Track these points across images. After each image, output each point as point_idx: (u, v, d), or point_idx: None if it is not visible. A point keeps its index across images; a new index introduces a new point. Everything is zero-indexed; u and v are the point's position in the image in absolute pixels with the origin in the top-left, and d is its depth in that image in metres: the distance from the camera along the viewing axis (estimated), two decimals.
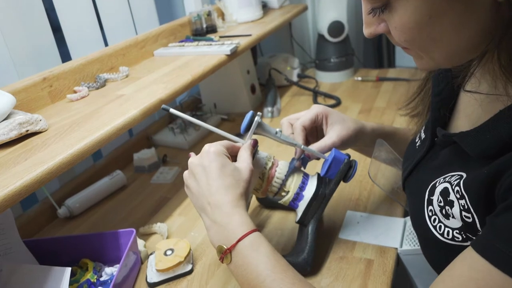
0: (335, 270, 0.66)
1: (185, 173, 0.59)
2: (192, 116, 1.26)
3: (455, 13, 0.38)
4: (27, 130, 0.65)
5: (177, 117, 1.25)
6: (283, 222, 0.79)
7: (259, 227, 0.78)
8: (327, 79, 1.48)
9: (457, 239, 0.47)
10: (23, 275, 0.62)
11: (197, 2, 1.29)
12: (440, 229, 0.49)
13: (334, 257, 0.69)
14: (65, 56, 0.93)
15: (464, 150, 0.46)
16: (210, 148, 0.57)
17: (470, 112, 0.51)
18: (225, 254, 0.51)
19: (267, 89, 1.36)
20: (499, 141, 0.41)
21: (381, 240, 0.71)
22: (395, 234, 0.71)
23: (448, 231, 0.47)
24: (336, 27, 1.40)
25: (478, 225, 0.43)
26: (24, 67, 0.83)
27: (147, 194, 0.96)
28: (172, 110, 0.65)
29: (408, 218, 0.75)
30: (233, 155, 0.61)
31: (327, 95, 1.34)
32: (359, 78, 1.45)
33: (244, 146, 0.61)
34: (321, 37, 1.46)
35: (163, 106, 0.65)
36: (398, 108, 0.70)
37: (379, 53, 1.90)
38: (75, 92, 0.83)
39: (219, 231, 0.53)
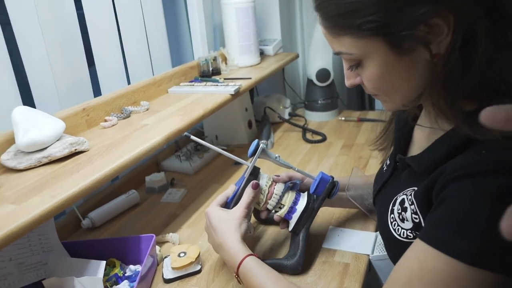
0: (319, 271, 0.81)
1: (205, 227, 0.82)
2: (195, 146, 1.43)
3: (404, 69, 0.57)
4: (76, 149, 0.81)
5: (183, 145, 1.43)
6: (276, 233, 0.94)
7: (257, 238, 0.94)
8: (314, 118, 1.67)
9: (409, 238, 0.63)
10: (65, 266, 0.76)
11: (204, 49, 1.49)
12: (398, 231, 0.65)
13: (318, 261, 0.84)
14: (96, 90, 1.10)
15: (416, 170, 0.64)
16: (207, 211, 0.80)
17: (420, 142, 0.69)
18: (237, 279, 0.72)
19: (262, 125, 1.54)
20: (435, 160, 0.58)
21: (357, 248, 0.87)
22: (368, 244, 0.87)
23: (404, 232, 0.64)
24: (323, 74, 1.61)
25: (423, 223, 0.60)
26: (65, 98, 1.00)
27: (158, 210, 1.10)
28: (192, 137, 0.82)
29: (379, 232, 0.91)
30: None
31: (315, 132, 1.53)
32: (343, 118, 1.65)
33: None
34: (310, 81, 1.67)
35: (185, 133, 0.83)
36: (368, 145, 0.89)
37: (361, 97, 2.12)
38: (105, 121, 1.00)
39: (229, 264, 0.75)
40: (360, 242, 0.89)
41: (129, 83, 1.21)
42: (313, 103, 1.67)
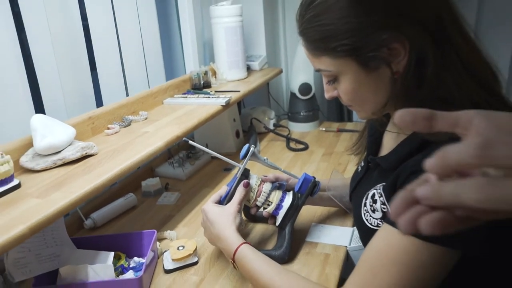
0: (303, 260, 0.92)
1: (201, 222, 0.92)
2: (187, 154, 1.53)
3: (372, 84, 0.69)
4: (86, 153, 0.90)
5: (175, 153, 1.52)
6: (264, 230, 1.05)
7: (247, 233, 1.04)
8: (297, 129, 1.80)
9: (379, 226, 0.75)
10: (77, 257, 0.84)
11: (195, 64, 1.60)
12: (370, 221, 0.77)
13: (302, 252, 0.95)
14: (98, 101, 1.20)
15: (385, 169, 0.76)
16: (203, 208, 0.90)
17: (388, 145, 0.82)
18: (233, 264, 0.82)
19: (249, 134, 1.66)
20: (399, 158, 0.71)
21: (336, 241, 0.98)
22: (346, 237, 0.99)
23: (375, 221, 0.76)
24: (305, 88, 1.75)
25: None
26: (71, 108, 1.09)
27: (155, 212, 1.19)
28: (190, 142, 0.93)
29: (356, 227, 1.03)
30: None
31: (298, 141, 1.65)
32: (323, 129, 1.78)
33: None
34: (293, 94, 1.80)
35: (184, 138, 0.93)
36: (346, 150, 1.01)
37: (340, 110, 2.27)
38: (108, 128, 1.09)
39: (226, 252, 0.84)
40: (339, 236, 1.00)
41: (127, 94, 1.31)
42: (296, 114, 1.80)
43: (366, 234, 0.79)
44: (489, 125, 0.28)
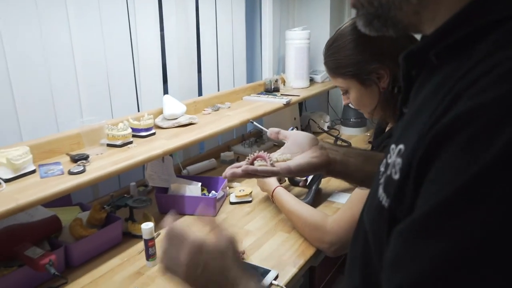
0: (322, 208, 1.35)
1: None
2: (256, 139, 2.03)
3: (368, 95, 1.12)
4: (191, 121, 1.44)
5: (247, 138, 2.03)
6: (299, 191, 1.50)
7: (289, 190, 1.50)
8: (347, 132, 2.20)
9: None
10: (179, 182, 1.38)
11: (269, 72, 2.11)
12: None
13: (323, 205, 1.38)
14: (199, 91, 1.76)
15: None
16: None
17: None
18: (272, 199, 1.27)
19: (305, 131, 2.11)
20: (383, 138, 1.12)
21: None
22: None
23: None
24: None
25: None
26: (181, 95, 1.65)
27: None
28: (255, 123, 1.42)
29: None
30: None
31: (343, 140, 2.05)
32: (368, 134, 2.16)
33: None
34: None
35: (250, 120, 1.43)
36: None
37: None
38: (204, 110, 1.63)
39: (268, 191, 1.31)
40: None
41: (218, 89, 1.86)
42: (347, 120, 2.21)
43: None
44: (291, 138, 0.74)
